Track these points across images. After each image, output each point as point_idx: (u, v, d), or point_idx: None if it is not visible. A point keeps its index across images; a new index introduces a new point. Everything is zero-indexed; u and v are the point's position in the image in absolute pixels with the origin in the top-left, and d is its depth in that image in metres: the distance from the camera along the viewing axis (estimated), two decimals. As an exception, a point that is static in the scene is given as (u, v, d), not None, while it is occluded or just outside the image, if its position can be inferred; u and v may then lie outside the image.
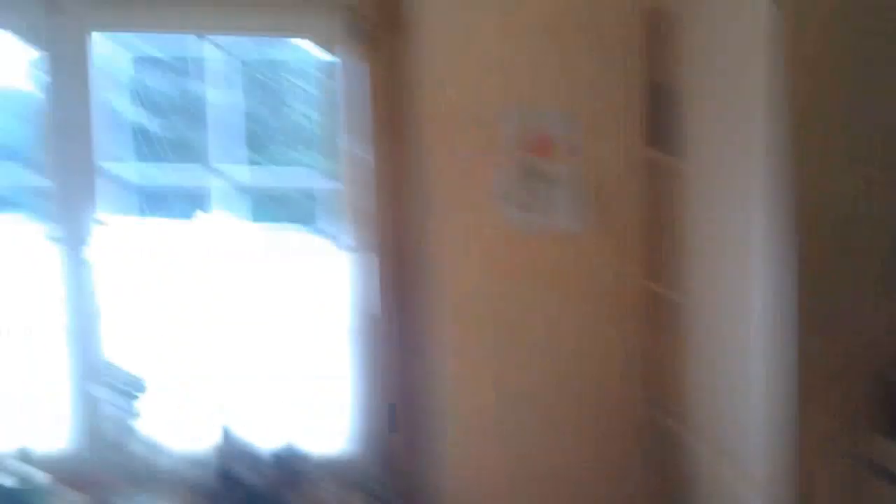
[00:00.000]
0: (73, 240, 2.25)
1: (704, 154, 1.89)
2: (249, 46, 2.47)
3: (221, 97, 2.36)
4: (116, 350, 2.27)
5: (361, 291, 2.29)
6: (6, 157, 2.52)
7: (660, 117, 2.09)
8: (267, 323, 2.33)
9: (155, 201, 2.55)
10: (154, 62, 2.57)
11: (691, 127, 1.94)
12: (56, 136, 2.23)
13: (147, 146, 2.56)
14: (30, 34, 2.22)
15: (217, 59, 2.36)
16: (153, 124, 2.56)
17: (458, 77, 2.16)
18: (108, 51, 2.34)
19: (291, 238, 2.48)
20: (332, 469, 2.27)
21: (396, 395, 2.28)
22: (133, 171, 2.41)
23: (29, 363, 2.31)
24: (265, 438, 2.19)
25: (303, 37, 2.38)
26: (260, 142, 2.54)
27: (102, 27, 2.28)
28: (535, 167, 2.19)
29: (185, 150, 2.54)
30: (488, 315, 2.20)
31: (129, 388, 2.19)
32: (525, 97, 2.17)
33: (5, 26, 2.26)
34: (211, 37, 2.34)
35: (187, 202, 2.51)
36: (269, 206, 2.57)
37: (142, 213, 2.51)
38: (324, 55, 2.33)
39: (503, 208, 2.18)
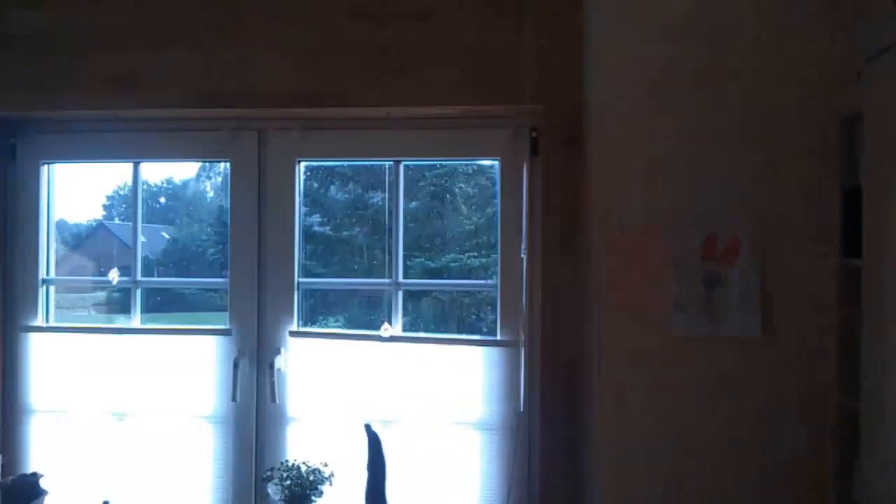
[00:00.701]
0: (265, 348, 2.46)
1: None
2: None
3: (396, 206, 2.50)
4: (299, 450, 2.41)
5: (509, 385, 2.34)
6: (202, 265, 2.83)
7: (851, 222, 1.95)
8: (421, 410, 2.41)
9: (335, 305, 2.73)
10: (332, 172, 2.80)
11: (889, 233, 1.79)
12: (262, 254, 2.47)
13: (327, 253, 2.76)
14: (242, 164, 2.50)
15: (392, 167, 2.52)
16: (333, 231, 2.75)
17: (636, 185, 2.16)
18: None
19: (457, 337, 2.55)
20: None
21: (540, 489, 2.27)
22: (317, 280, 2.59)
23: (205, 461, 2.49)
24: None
25: (488, 158, 2.48)
26: (434, 243, 2.66)
27: (308, 156, 2.53)
28: (715, 274, 2.11)
29: (363, 255, 2.70)
30: (656, 421, 2.12)
31: (308, 485, 2.29)
32: (707, 203, 2.12)
33: (221, 155, 2.59)
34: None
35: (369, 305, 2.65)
36: (437, 303, 2.67)
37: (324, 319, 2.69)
38: (497, 164, 2.44)
39: (678, 316, 2.11)
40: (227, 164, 2.54)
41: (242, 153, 2.49)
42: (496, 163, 2.45)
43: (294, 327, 2.47)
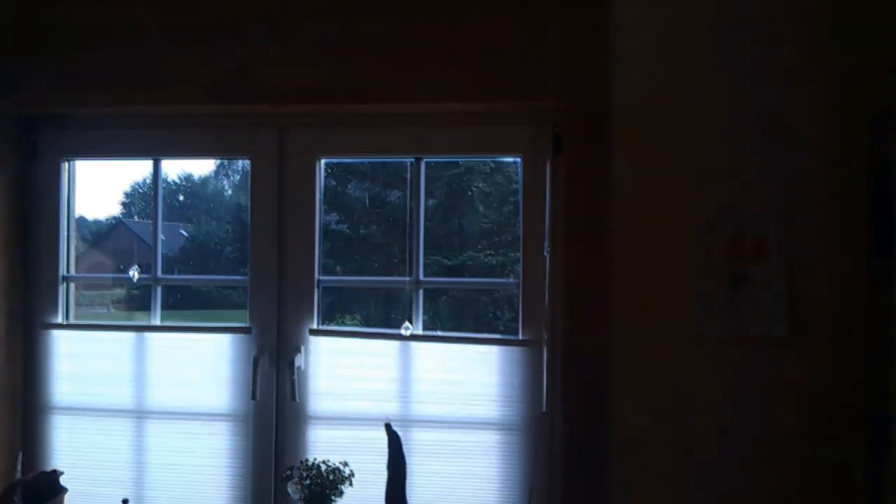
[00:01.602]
0: (285, 346, 2.45)
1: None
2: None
3: (417, 204, 2.47)
4: (319, 449, 2.40)
5: (530, 385, 2.32)
6: (220, 262, 2.82)
7: (883, 222, 1.92)
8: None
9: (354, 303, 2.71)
10: (350, 170, 2.78)
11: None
12: (283, 252, 2.45)
13: (345, 252, 2.74)
14: (262, 161, 2.48)
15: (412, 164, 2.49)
16: (350, 230, 2.74)
17: (661, 181, 2.14)
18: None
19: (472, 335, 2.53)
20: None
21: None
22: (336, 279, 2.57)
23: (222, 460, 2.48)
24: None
25: (510, 155, 2.46)
26: (451, 241, 2.64)
27: (329, 154, 2.51)
28: (742, 274, 2.08)
29: (381, 253, 2.69)
30: (679, 421, 2.11)
31: (328, 485, 2.27)
32: (734, 201, 2.10)
33: (242, 152, 2.58)
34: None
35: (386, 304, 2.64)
36: (455, 302, 2.65)
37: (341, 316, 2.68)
38: (517, 159, 2.43)
39: (703, 315, 2.10)
40: (247, 162, 2.53)
41: (263, 150, 2.47)
42: (518, 160, 2.42)
43: (314, 325, 2.45)
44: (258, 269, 2.47)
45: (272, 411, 2.45)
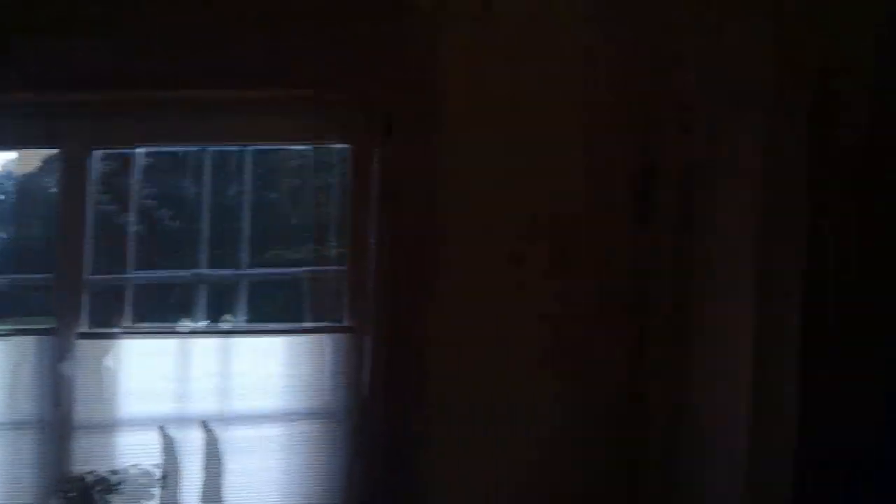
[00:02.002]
0: (57, 347, 2.29)
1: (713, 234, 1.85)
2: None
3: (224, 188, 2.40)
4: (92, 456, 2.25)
5: (354, 372, 2.29)
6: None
7: (657, 198, 2.09)
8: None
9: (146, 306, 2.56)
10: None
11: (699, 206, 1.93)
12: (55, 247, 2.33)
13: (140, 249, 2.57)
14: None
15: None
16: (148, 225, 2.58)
17: (476, 173, 2.20)
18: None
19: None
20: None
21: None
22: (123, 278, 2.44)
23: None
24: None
25: (338, 143, 2.40)
26: (263, 226, 2.53)
27: (104, 145, 2.35)
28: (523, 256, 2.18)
29: (183, 244, 2.55)
30: (487, 400, 2.16)
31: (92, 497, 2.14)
32: (537, 189, 2.19)
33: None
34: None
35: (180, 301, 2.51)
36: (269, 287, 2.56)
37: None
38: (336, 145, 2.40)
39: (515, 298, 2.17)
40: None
41: (45, 140, 2.34)
42: (346, 148, 2.37)
43: (89, 328, 2.31)
44: (51, 270, 2.34)
45: (70, 419, 2.27)
